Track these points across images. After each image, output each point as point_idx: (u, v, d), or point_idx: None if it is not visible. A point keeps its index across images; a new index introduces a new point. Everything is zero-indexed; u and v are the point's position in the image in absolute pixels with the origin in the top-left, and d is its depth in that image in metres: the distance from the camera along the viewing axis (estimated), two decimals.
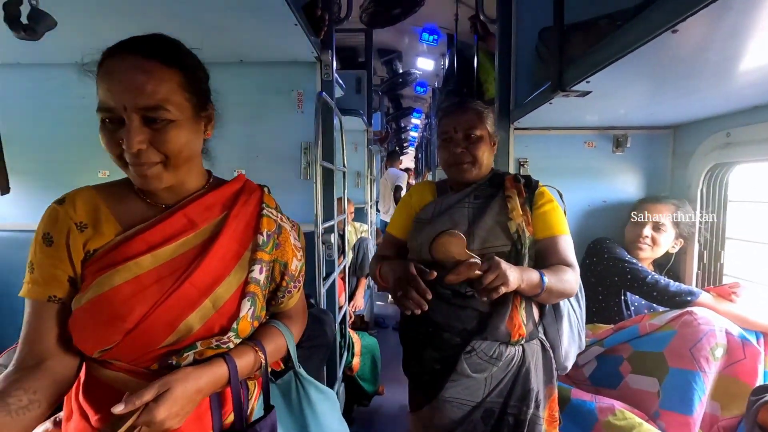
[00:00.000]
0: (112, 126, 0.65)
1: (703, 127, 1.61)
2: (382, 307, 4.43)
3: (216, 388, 0.71)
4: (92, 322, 0.67)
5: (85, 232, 0.71)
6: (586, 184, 1.84)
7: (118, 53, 0.66)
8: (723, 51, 0.85)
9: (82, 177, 1.69)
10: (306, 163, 1.72)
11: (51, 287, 0.69)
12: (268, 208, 0.82)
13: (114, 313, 0.66)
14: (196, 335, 0.71)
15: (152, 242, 0.71)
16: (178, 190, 0.76)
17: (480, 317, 1.09)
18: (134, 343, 0.68)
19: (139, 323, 0.67)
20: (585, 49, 1.11)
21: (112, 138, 0.65)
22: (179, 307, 0.69)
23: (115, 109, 0.63)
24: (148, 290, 0.68)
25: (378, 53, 5.21)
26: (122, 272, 0.68)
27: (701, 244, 1.64)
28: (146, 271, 0.69)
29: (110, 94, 0.64)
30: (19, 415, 0.61)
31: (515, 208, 1.11)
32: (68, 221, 0.70)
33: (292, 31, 1.31)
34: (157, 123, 0.65)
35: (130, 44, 0.67)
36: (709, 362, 1.23)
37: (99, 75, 0.66)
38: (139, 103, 0.63)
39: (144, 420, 0.62)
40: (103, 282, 0.67)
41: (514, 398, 1.10)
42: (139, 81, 0.64)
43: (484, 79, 2.50)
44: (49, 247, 0.70)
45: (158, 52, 0.67)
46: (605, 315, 1.58)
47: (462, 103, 1.22)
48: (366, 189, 3.88)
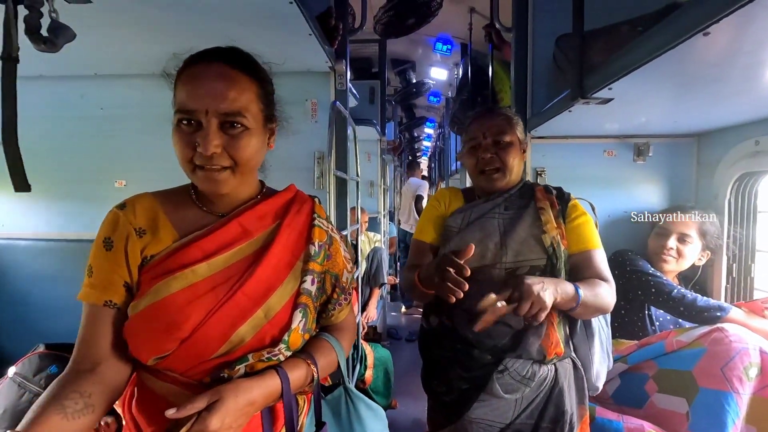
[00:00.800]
0: (187, 128, 0.67)
1: (730, 135, 1.56)
2: (396, 317, 4.38)
3: (268, 401, 0.70)
4: (149, 328, 0.67)
5: (143, 237, 0.71)
6: (606, 194, 1.79)
7: (204, 60, 0.69)
8: (755, 54, 0.82)
9: (99, 187, 1.71)
10: (319, 173, 1.71)
11: (108, 292, 0.69)
12: (319, 219, 0.82)
13: (170, 320, 0.66)
14: (248, 346, 0.70)
15: (208, 250, 0.71)
16: (234, 198, 0.77)
17: (513, 333, 1.05)
18: (188, 353, 0.67)
19: (194, 332, 0.67)
20: (605, 56, 1.08)
21: (187, 140, 0.67)
22: (232, 316, 0.69)
23: (196, 112, 0.66)
24: (203, 298, 0.68)
25: (391, 63, 5.24)
26: (179, 279, 0.68)
27: (729, 257, 1.57)
28: (202, 279, 0.69)
29: (192, 98, 0.66)
30: (75, 418, 0.61)
31: (549, 221, 1.08)
32: (128, 226, 0.71)
33: (306, 40, 1.31)
34: (233, 129, 0.68)
35: (214, 53, 0.70)
36: (743, 383, 1.16)
37: (181, 79, 0.69)
38: (221, 108, 0.66)
39: (197, 429, 0.61)
40: (161, 289, 0.67)
41: (546, 420, 1.05)
42: (223, 87, 0.67)
43: (499, 89, 2.47)
44: (108, 251, 0.70)
45: (240, 62, 0.71)
46: (628, 330, 1.52)
47: (491, 108, 1.20)
48: (379, 198, 3.87)
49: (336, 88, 1.71)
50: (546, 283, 0.92)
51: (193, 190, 0.78)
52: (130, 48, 1.41)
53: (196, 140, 0.66)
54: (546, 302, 0.88)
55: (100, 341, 0.68)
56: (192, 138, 0.66)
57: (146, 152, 1.71)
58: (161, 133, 1.63)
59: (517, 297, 0.88)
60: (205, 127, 0.66)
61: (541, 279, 0.93)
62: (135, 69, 1.63)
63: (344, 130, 1.74)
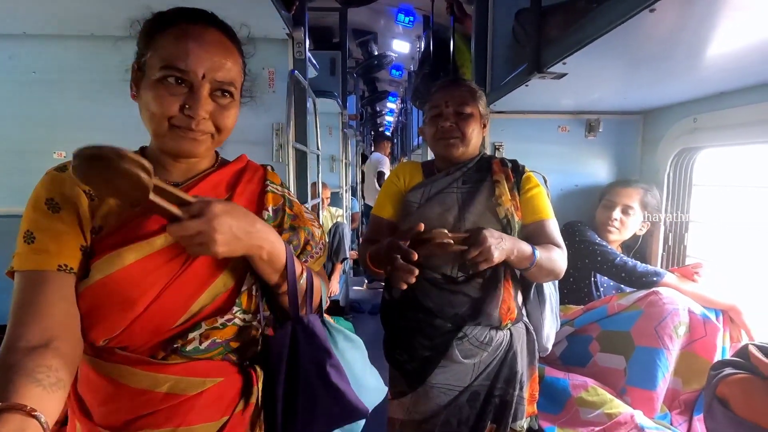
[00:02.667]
0: (175, 87, 0.64)
1: (672, 113, 1.65)
2: (358, 292, 4.43)
3: (272, 248, 0.67)
4: (101, 304, 0.62)
5: (94, 201, 0.66)
6: (559, 168, 1.87)
7: (200, 21, 0.67)
8: (696, 32, 0.86)
9: (36, 158, 1.57)
10: (278, 146, 1.66)
11: (62, 255, 0.62)
12: (272, 185, 0.80)
13: (125, 295, 0.62)
14: (202, 315, 0.67)
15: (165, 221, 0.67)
16: (192, 167, 0.74)
17: (472, 302, 1.09)
18: (143, 328, 0.64)
19: (149, 306, 0.63)
20: (562, 30, 1.10)
21: (172, 99, 0.64)
22: (192, 286, 0.66)
23: (191, 73, 0.64)
24: (159, 271, 0.64)
25: (353, 34, 5.09)
26: (134, 251, 0.63)
27: (667, 226, 1.69)
28: (157, 250, 0.65)
29: (190, 58, 0.64)
30: (53, 391, 0.53)
31: (504, 194, 1.12)
32: (76, 188, 0.65)
33: (261, 3, 1.24)
34: (223, 98, 0.68)
35: (207, 16, 0.69)
36: (673, 340, 1.28)
37: (169, 34, 0.65)
38: (218, 76, 0.66)
39: (199, 206, 0.58)
40: (113, 260, 0.62)
41: (501, 380, 1.11)
42: (222, 56, 0.67)
43: (461, 63, 2.47)
44: (55, 213, 0.63)
45: (233, 34, 0.72)
46: (576, 296, 1.62)
47: (457, 79, 1.20)
48: (341, 173, 3.83)
49: (294, 57, 1.64)
50: (505, 239, 0.97)
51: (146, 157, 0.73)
52: (67, 6, 1.29)
53: (185, 102, 0.64)
54: (493, 255, 0.93)
55: (52, 312, 0.59)
56: (179, 97, 0.64)
57: (87, 121, 1.59)
58: (103, 100, 1.53)
59: (470, 242, 0.93)
60: (197, 90, 0.65)
61: (501, 234, 0.98)
62: (71, 29, 1.49)
63: (303, 102, 1.69)
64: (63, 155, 1.65)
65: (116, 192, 0.54)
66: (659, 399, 1.27)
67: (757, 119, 1.26)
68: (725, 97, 1.38)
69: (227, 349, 0.71)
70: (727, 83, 1.29)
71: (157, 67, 0.64)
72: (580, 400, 1.27)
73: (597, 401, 1.24)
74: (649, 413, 1.23)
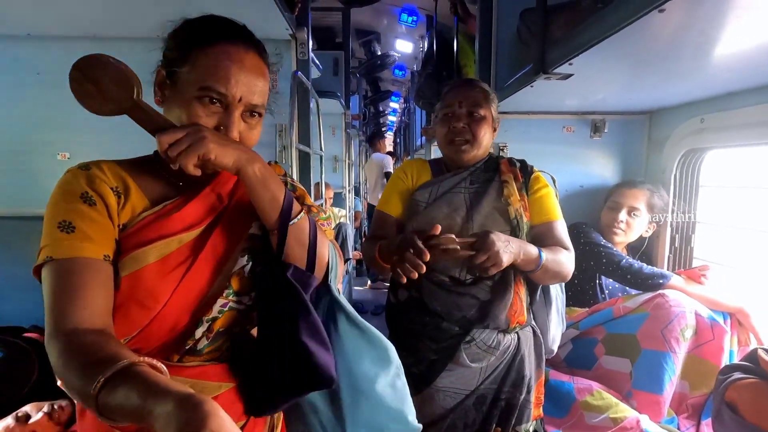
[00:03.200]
0: (213, 107, 0.67)
1: (678, 113, 1.63)
2: (361, 292, 4.43)
3: (260, 163, 0.67)
4: (125, 302, 0.62)
5: (120, 198, 0.66)
6: (565, 168, 1.85)
7: (240, 42, 0.68)
8: (704, 33, 0.85)
9: (39, 159, 1.57)
10: (281, 147, 1.65)
11: (104, 246, 0.62)
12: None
13: (146, 293, 0.63)
14: (203, 310, 0.67)
15: (187, 221, 0.68)
16: None
17: (480, 305, 1.08)
18: (160, 329, 0.65)
19: (165, 305, 0.64)
20: (568, 31, 1.09)
21: (207, 119, 0.66)
22: (200, 284, 0.67)
23: (229, 96, 0.66)
24: (174, 271, 0.65)
25: (356, 34, 5.08)
26: (155, 250, 0.64)
27: (673, 228, 1.68)
28: (174, 250, 0.66)
29: (229, 83, 0.65)
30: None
31: (513, 194, 1.10)
32: (104, 185, 0.65)
33: (264, 4, 1.23)
34: (252, 118, 0.70)
35: (247, 36, 0.71)
36: (679, 343, 1.27)
37: (211, 54, 0.66)
38: (253, 100, 0.68)
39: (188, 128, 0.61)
40: (139, 258, 0.63)
41: (508, 384, 1.10)
42: (258, 81, 0.69)
43: (464, 63, 2.46)
44: (92, 206, 0.63)
45: (265, 54, 0.74)
46: (581, 298, 1.61)
47: (470, 80, 1.19)
48: (344, 173, 3.82)
49: (297, 58, 1.63)
50: (511, 242, 0.96)
51: (156, 159, 0.73)
52: (68, 6, 1.28)
53: (219, 122, 0.67)
54: (502, 260, 0.92)
55: (101, 302, 0.59)
56: (214, 117, 0.67)
57: (91, 122, 1.57)
58: None
59: (477, 246, 0.92)
60: (232, 113, 0.67)
61: (507, 237, 0.97)
62: (75, 30, 1.49)
63: (307, 102, 1.68)
64: (66, 156, 1.65)
65: (106, 97, 0.60)
66: (666, 403, 1.26)
67: (766, 119, 1.24)
68: (733, 97, 1.36)
69: (232, 337, 0.71)
70: (735, 83, 1.28)
71: (196, 86, 0.65)
72: (585, 404, 1.25)
73: (602, 405, 1.23)
74: (655, 417, 1.22)
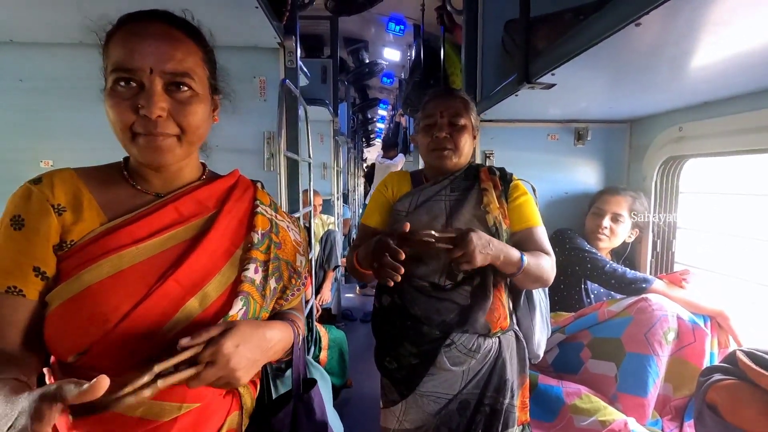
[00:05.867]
0: (126, 90, 0.60)
1: (658, 122, 1.68)
2: (350, 299, 4.41)
3: (282, 345, 0.68)
4: (71, 320, 0.60)
5: (63, 216, 0.64)
6: (549, 175, 1.89)
7: (144, 18, 0.63)
8: (679, 45, 0.88)
9: (21, 167, 1.55)
10: (269, 154, 1.65)
11: (12, 276, 0.61)
12: (262, 206, 0.78)
13: (95, 311, 0.60)
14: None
15: (137, 235, 0.65)
16: (173, 178, 0.71)
17: (460, 309, 1.09)
18: (114, 347, 0.61)
19: (120, 323, 0.60)
20: (550, 42, 1.12)
21: (126, 103, 0.60)
22: (162, 305, 0.63)
23: (138, 70, 0.60)
24: (131, 287, 0.62)
25: (344, 42, 5.12)
26: (104, 266, 0.62)
27: (655, 233, 1.72)
28: (129, 265, 0.63)
29: (133, 55, 0.60)
30: None
31: (492, 201, 1.12)
32: (44, 203, 0.63)
33: (252, 13, 1.24)
34: (180, 92, 0.63)
35: (153, 12, 0.65)
36: (662, 346, 1.30)
37: (116, 37, 0.62)
38: (168, 67, 0.61)
39: (209, 353, 0.56)
40: (84, 277, 0.61)
41: (491, 389, 1.11)
42: (168, 46, 0.62)
43: (451, 71, 2.50)
44: (17, 231, 0.62)
45: (183, 25, 0.66)
46: (567, 303, 1.64)
47: (450, 90, 1.21)
48: (333, 181, 3.82)
49: (285, 66, 1.64)
50: (492, 244, 0.97)
51: (125, 167, 0.71)
52: (51, 12, 1.27)
53: (138, 103, 0.60)
54: (476, 259, 0.93)
55: (3, 333, 0.60)
56: (133, 101, 0.60)
57: (76, 130, 1.57)
58: (92, 109, 1.51)
59: (456, 242, 0.93)
60: (148, 87, 0.60)
61: (490, 239, 0.98)
62: (59, 37, 1.48)
63: (295, 110, 1.68)
64: (50, 164, 1.62)
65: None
66: (650, 405, 1.28)
67: (740, 128, 1.29)
68: (709, 106, 1.41)
69: None
70: (710, 93, 1.32)
71: (111, 76, 0.61)
72: (573, 408, 1.27)
73: (591, 408, 1.24)
74: (640, 420, 1.24)
